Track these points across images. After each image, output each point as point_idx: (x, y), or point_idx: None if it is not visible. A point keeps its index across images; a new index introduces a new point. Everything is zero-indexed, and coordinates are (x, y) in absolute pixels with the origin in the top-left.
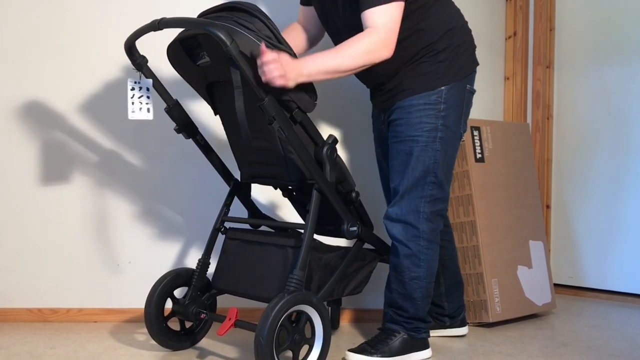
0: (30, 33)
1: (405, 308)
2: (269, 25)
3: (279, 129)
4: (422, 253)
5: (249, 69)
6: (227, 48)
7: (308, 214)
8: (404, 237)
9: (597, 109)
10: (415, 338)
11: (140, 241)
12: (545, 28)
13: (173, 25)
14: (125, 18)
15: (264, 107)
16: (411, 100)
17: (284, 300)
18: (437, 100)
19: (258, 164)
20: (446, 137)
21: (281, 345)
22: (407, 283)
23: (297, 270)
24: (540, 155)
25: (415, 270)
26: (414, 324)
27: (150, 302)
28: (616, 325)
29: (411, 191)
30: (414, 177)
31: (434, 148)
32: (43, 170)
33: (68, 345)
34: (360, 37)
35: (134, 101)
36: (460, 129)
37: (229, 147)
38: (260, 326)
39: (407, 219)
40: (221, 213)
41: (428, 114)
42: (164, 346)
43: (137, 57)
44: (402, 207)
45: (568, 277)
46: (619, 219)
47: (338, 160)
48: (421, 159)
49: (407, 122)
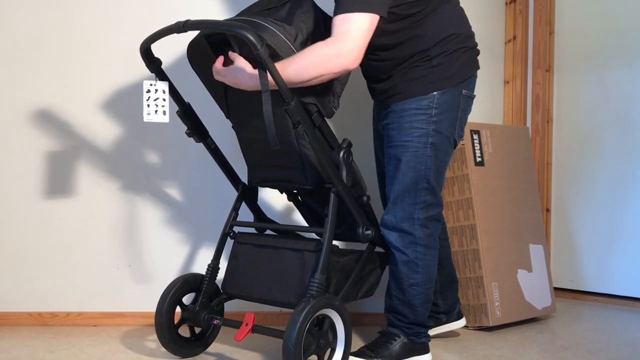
0: (31, 36)
1: (405, 314)
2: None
3: (304, 133)
4: (419, 259)
5: (277, 72)
6: (257, 52)
7: (327, 218)
8: (401, 244)
9: (597, 113)
10: (416, 342)
11: (140, 244)
12: (544, 32)
13: (200, 27)
14: (129, 21)
15: (289, 111)
16: (403, 105)
17: (310, 305)
18: (428, 105)
19: (272, 167)
20: (438, 143)
21: (307, 350)
22: (406, 290)
23: (319, 274)
24: (540, 159)
25: (414, 276)
26: (415, 329)
27: (160, 310)
28: (616, 329)
29: (404, 198)
30: (404, 183)
31: (425, 154)
32: (43, 173)
33: (68, 349)
34: (317, 46)
35: (149, 104)
36: (454, 135)
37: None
38: (288, 332)
39: (402, 227)
40: (230, 217)
41: (419, 119)
42: (176, 354)
43: (152, 59)
44: (397, 214)
45: (568, 280)
46: (619, 223)
47: (353, 164)
48: (412, 165)
49: (398, 127)
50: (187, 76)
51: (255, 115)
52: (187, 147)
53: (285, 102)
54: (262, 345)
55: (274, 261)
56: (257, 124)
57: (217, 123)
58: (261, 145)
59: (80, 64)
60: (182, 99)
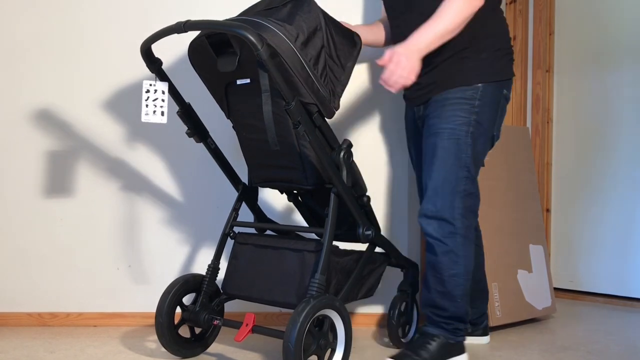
0: (32, 37)
1: (444, 307)
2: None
3: (304, 133)
4: (459, 249)
5: (278, 72)
6: (258, 52)
7: (327, 218)
8: (440, 234)
9: (597, 113)
10: (453, 342)
11: (140, 245)
12: (544, 32)
13: (200, 27)
14: (130, 21)
15: (290, 111)
16: (447, 94)
17: (310, 305)
18: (472, 95)
19: (273, 167)
20: (477, 133)
21: (307, 351)
22: (447, 281)
23: (319, 275)
24: (540, 159)
25: (454, 267)
26: (454, 324)
27: (161, 311)
28: (616, 330)
29: (445, 186)
30: (445, 170)
31: (466, 142)
32: (43, 174)
33: (68, 350)
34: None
35: (148, 104)
36: (492, 130)
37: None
38: (288, 332)
39: (442, 215)
40: (230, 218)
41: (462, 108)
42: (176, 355)
43: (153, 59)
44: (437, 203)
45: (568, 281)
46: (619, 223)
47: (353, 165)
48: (452, 152)
49: (439, 115)
50: (187, 76)
51: (256, 115)
52: (187, 147)
53: (286, 103)
54: (262, 346)
55: (274, 261)
56: (257, 124)
57: (217, 123)
58: (262, 146)
59: (81, 65)
60: (183, 99)
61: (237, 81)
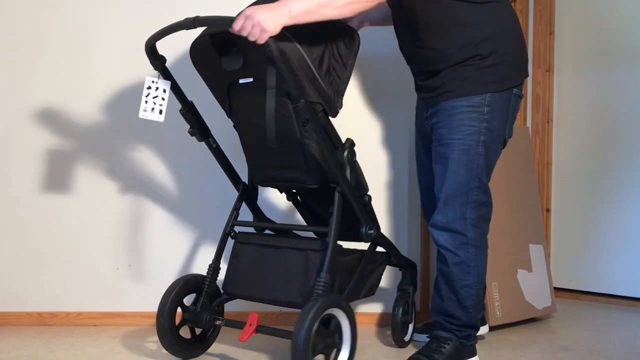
0: (32, 35)
1: (457, 316)
2: None
3: (312, 131)
4: (471, 260)
5: (288, 69)
6: (269, 48)
7: (332, 217)
8: (452, 245)
9: (597, 113)
10: (466, 345)
11: (140, 244)
12: (544, 32)
13: (209, 23)
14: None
15: (299, 109)
16: (454, 102)
17: (318, 304)
18: (480, 102)
19: (275, 167)
20: (489, 141)
21: (314, 349)
22: (459, 291)
23: (324, 274)
24: (540, 159)
25: (466, 278)
26: (466, 332)
27: (162, 312)
28: (617, 330)
29: (456, 197)
30: (456, 182)
31: (477, 152)
32: (43, 173)
33: (67, 349)
34: None
35: (147, 100)
36: (504, 133)
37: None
38: (297, 330)
39: (453, 227)
40: (231, 217)
41: (470, 117)
42: (177, 356)
43: (157, 57)
44: (448, 214)
45: (568, 280)
46: (619, 223)
47: (356, 164)
48: (463, 163)
49: (448, 125)
50: (188, 75)
51: (258, 114)
52: (187, 147)
53: (295, 101)
54: (264, 345)
55: (276, 261)
56: (260, 124)
57: (217, 122)
58: (263, 145)
59: (81, 63)
60: (185, 97)
61: (239, 80)
